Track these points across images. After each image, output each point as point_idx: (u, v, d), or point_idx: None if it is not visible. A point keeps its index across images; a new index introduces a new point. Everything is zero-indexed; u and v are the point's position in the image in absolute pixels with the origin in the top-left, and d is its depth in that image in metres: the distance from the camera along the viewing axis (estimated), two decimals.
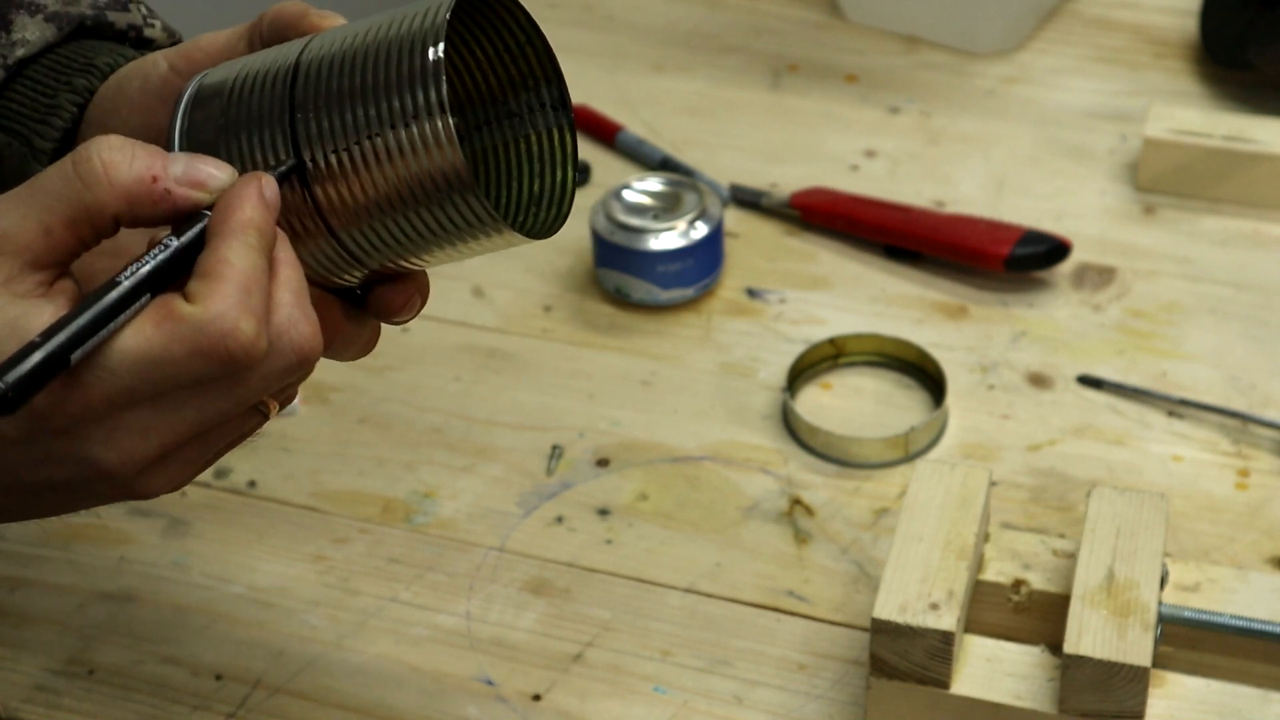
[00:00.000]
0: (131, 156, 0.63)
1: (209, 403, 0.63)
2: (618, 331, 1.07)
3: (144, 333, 0.61)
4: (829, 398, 1.02)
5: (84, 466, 0.63)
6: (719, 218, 1.07)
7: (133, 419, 0.62)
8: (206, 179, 0.64)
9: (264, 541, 0.95)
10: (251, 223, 0.63)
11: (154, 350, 0.61)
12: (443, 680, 0.88)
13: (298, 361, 0.64)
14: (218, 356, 0.61)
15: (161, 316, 0.61)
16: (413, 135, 0.64)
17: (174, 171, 0.64)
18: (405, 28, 0.65)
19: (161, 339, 0.61)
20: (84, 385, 0.61)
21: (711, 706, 0.86)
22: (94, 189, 0.62)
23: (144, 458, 0.63)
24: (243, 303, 0.61)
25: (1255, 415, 0.99)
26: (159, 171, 0.63)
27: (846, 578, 0.92)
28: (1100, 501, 0.84)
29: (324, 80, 0.66)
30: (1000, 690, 0.81)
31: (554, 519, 0.96)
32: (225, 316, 0.61)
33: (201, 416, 0.63)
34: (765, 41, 1.30)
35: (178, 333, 0.61)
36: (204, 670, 0.88)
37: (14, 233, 0.62)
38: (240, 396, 0.63)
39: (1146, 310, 1.07)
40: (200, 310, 0.61)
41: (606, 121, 1.22)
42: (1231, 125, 1.13)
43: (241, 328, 0.61)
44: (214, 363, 0.61)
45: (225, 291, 0.61)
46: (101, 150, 0.63)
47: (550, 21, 1.33)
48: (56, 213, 0.62)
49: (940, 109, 1.23)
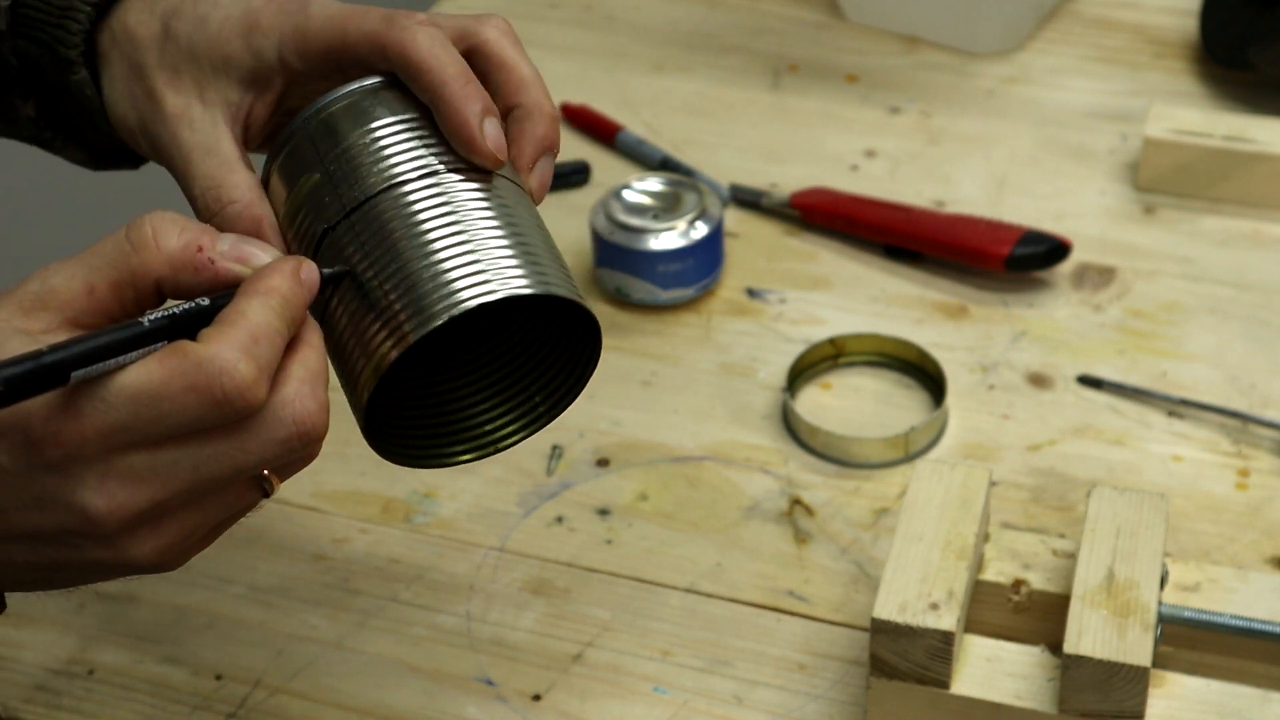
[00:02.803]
0: (181, 228, 0.65)
1: (205, 458, 0.63)
2: (618, 331, 1.07)
3: (147, 368, 0.62)
4: (829, 398, 1.02)
5: (73, 513, 0.63)
6: (719, 218, 1.07)
7: (126, 464, 0.62)
8: (250, 256, 0.67)
9: (264, 541, 0.95)
10: (277, 289, 0.65)
11: (151, 384, 0.62)
12: (443, 680, 0.88)
13: (297, 434, 0.64)
14: (211, 395, 0.62)
15: (165, 355, 0.63)
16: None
17: (220, 247, 0.66)
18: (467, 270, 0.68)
19: (159, 373, 0.62)
20: (80, 415, 0.61)
21: (711, 706, 0.86)
22: (141, 253, 0.65)
23: (134, 509, 0.63)
24: (246, 348, 0.63)
25: (1255, 415, 0.99)
26: (205, 243, 0.66)
27: (846, 578, 0.92)
28: (1100, 501, 0.84)
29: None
30: (1000, 690, 0.81)
31: (554, 519, 0.96)
32: (223, 356, 0.62)
33: (196, 473, 0.63)
34: (765, 41, 1.30)
35: (177, 368, 0.62)
36: (204, 670, 0.88)
37: (59, 289, 0.64)
38: (236, 458, 0.64)
39: (1146, 310, 1.07)
40: (203, 349, 0.62)
41: (606, 121, 1.22)
42: (1231, 125, 1.13)
43: (240, 369, 0.62)
44: (208, 402, 0.62)
45: (231, 335, 0.63)
46: (154, 219, 0.65)
47: (550, 21, 1.33)
48: (103, 274, 0.65)
49: (940, 109, 1.23)
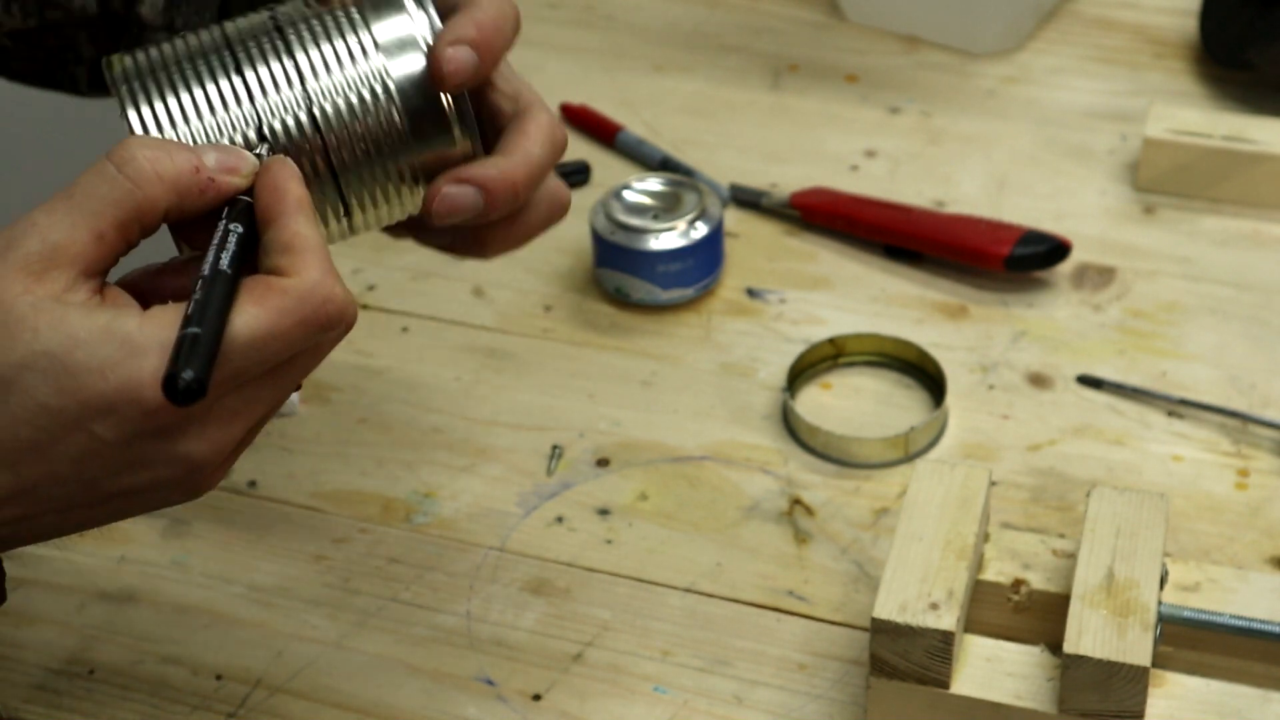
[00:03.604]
0: (168, 152, 0.64)
1: (289, 376, 0.64)
2: (618, 331, 1.07)
3: (249, 313, 0.62)
4: (829, 398, 1.02)
5: (175, 464, 0.63)
6: (719, 218, 1.07)
7: (225, 407, 0.63)
8: (239, 164, 0.66)
9: (264, 541, 0.95)
10: (303, 199, 0.66)
11: (264, 328, 0.62)
12: (443, 680, 0.88)
13: (346, 324, 0.66)
14: (319, 322, 0.63)
15: (261, 294, 0.62)
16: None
17: (208, 160, 0.65)
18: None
19: (269, 316, 0.62)
20: None
21: (711, 706, 0.86)
22: (145, 187, 0.63)
23: (229, 445, 0.64)
24: (331, 269, 0.64)
25: (1255, 415, 0.99)
26: (199, 162, 0.65)
27: (846, 578, 0.92)
28: (1100, 501, 0.84)
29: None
30: (1000, 690, 0.81)
31: (554, 519, 0.96)
32: (323, 283, 0.63)
33: (278, 396, 0.65)
34: (765, 41, 1.30)
35: (283, 306, 0.62)
36: (204, 670, 0.88)
37: (66, 243, 0.62)
38: (310, 366, 0.65)
39: (1146, 310, 1.07)
40: (298, 282, 0.63)
41: (606, 121, 1.22)
42: (1231, 125, 1.13)
43: (337, 291, 0.63)
44: (317, 329, 0.63)
45: (313, 261, 0.63)
46: (142, 148, 0.64)
47: (550, 22, 1.33)
48: (107, 217, 0.63)
49: (940, 109, 1.23)
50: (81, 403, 0.60)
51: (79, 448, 0.61)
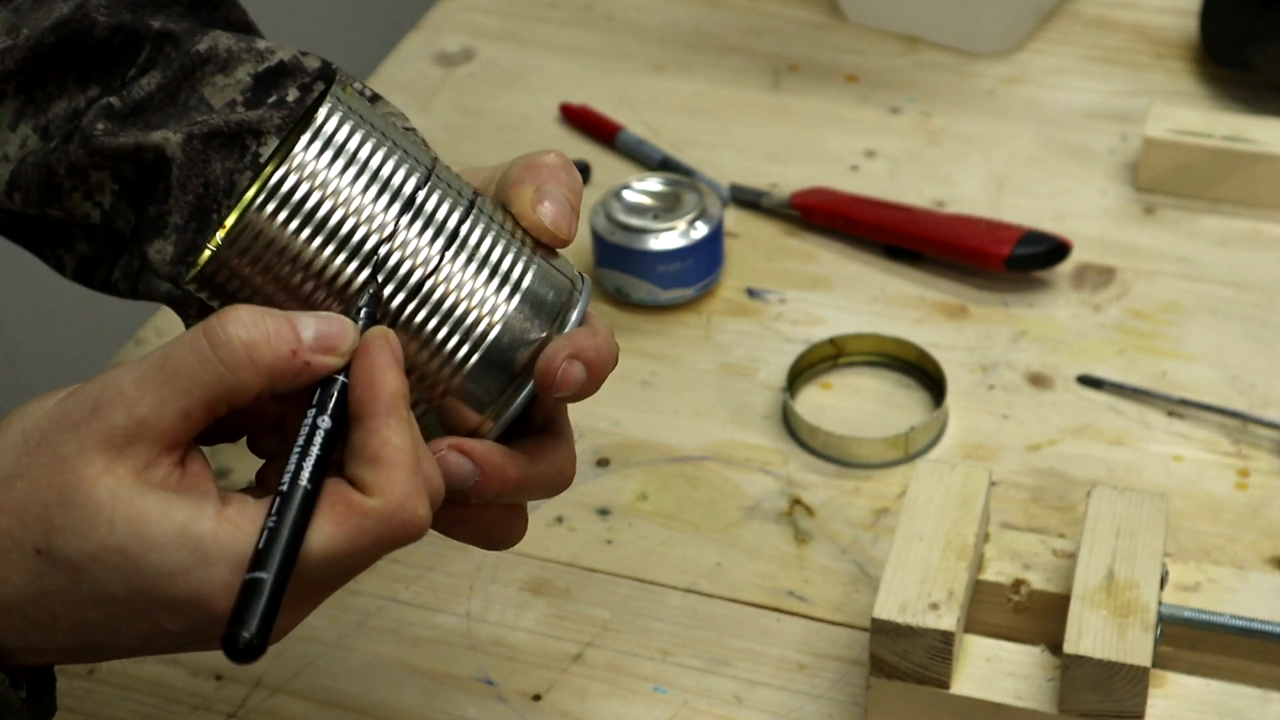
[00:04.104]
0: (268, 333, 0.62)
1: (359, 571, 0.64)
2: (618, 331, 1.07)
3: (326, 532, 0.61)
4: (829, 398, 1.02)
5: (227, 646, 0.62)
6: (719, 218, 1.07)
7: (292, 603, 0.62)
8: (337, 342, 0.64)
9: None
10: (399, 393, 0.63)
11: (340, 550, 0.61)
12: (443, 680, 0.88)
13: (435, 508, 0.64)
14: (396, 542, 0.62)
15: (342, 514, 0.61)
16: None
17: (307, 339, 0.63)
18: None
19: (347, 538, 0.61)
20: None
21: (711, 706, 0.86)
22: (238, 372, 0.61)
23: (289, 629, 0.64)
24: (416, 487, 0.62)
25: (1255, 415, 0.99)
26: (297, 344, 0.62)
27: (846, 578, 0.92)
28: (1100, 501, 0.84)
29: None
30: (1000, 690, 0.81)
31: (554, 519, 0.96)
32: (405, 506, 0.61)
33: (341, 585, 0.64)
34: (765, 41, 1.30)
35: (363, 528, 0.61)
36: (204, 670, 0.88)
37: (153, 420, 0.61)
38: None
39: (1146, 310, 1.07)
40: (380, 504, 0.61)
41: (606, 121, 1.22)
42: (1231, 125, 1.13)
43: (420, 513, 0.62)
44: (392, 547, 0.62)
45: (400, 479, 0.61)
46: (239, 330, 0.61)
47: (550, 22, 1.33)
48: (196, 397, 0.61)
49: (940, 109, 1.23)
50: (150, 600, 0.60)
51: (144, 632, 0.62)
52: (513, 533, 0.73)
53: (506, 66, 1.28)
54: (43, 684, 0.66)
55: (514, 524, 0.73)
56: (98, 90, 0.75)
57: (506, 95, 1.26)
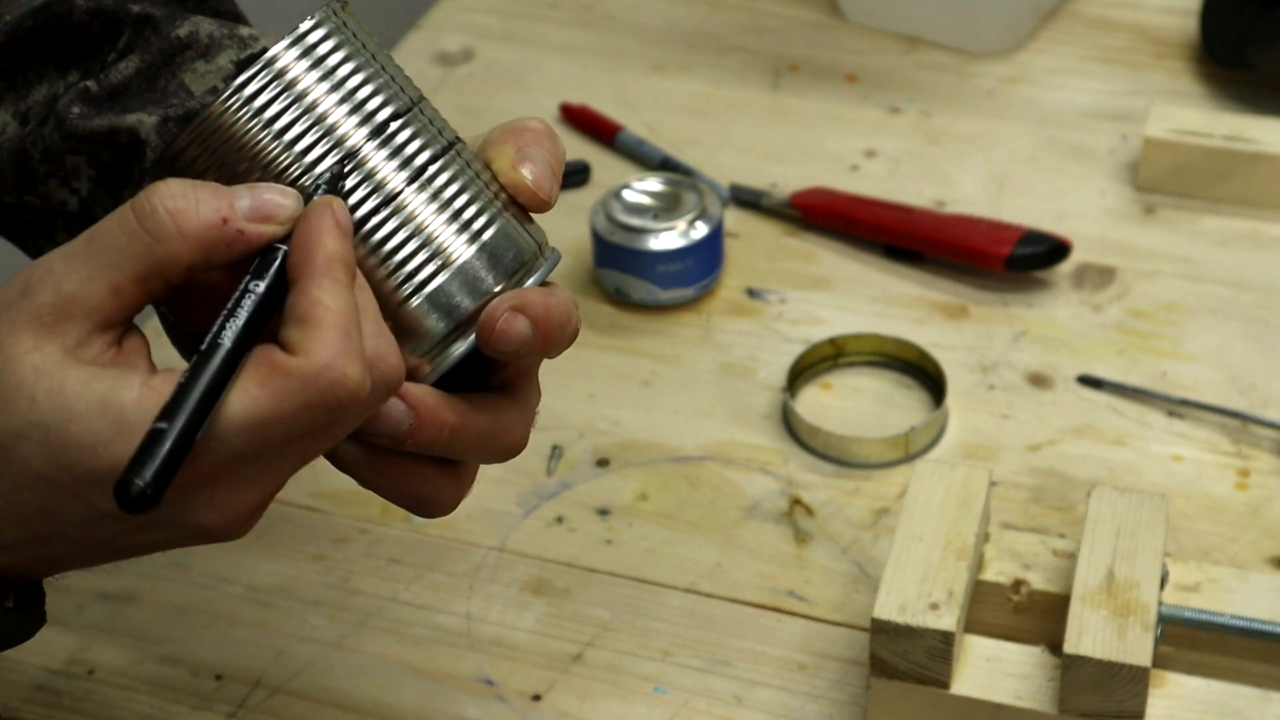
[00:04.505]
0: (197, 202, 0.60)
1: (309, 448, 0.61)
2: (618, 331, 1.07)
3: (250, 393, 0.58)
4: (829, 398, 1.02)
5: (184, 530, 0.61)
6: (719, 218, 1.07)
7: (235, 477, 0.60)
8: (275, 211, 0.61)
9: (264, 541, 0.95)
10: (336, 256, 0.61)
11: (263, 411, 0.58)
12: (443, 680, 0.88)
13: (387, 392, 0.62)
14: (326, 406, 0.59)
15: (265, 374, 0.59)
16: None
17: (241, 208, 0.61)
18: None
19: (270, 398, 0.58)
20: (194, 456, 0.58)
21: (711, 706, 0.86)
22: (165, 242, 0.59)
23: (245, 513, 0.61)
24: (346, 348, 0.59)
25: (1255, 415, 0.99)
26: (228, 212, 0.60)
27: (846, 578, 0.92)
28: (1100, 501, 0.84)
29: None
30: (1000, 690, 0.81)
31: (554, 519, 0.96)
32: (333, 366, 0.59)
33: (301, 462, 0.62)
34: (765, 41, 1.30)
35: (286, 388, 0.58)
36: (204, 670, 0.88)
37: (81, 295, 0.59)
38: (336, 436, 0.62)
39: (1146, 310, 1.07)
40: (305, 362, 0.59)
41: (606, 121, 1.22)
42: (1231, 125, 1.13)
43: (349, 374, 0.59)
44: (323, 412, 0.59)
45: (328, 338, 0.59)
46: (165, 200, 0.59)
47: (550, 21, 1.33)
48: (125, 270, 0.59)
49: (940, 109, 1.23)
50: (77, 477, 0.59)
51: (81, 514, 0.60)
52: (443, 495, 0.69)
53: (506, 66, 1.28)
54: (30, 597, 0.65)
55: (445, 486, 0.69)
56: (77, 75, 0.74)
57: (506, 95, 1.26)
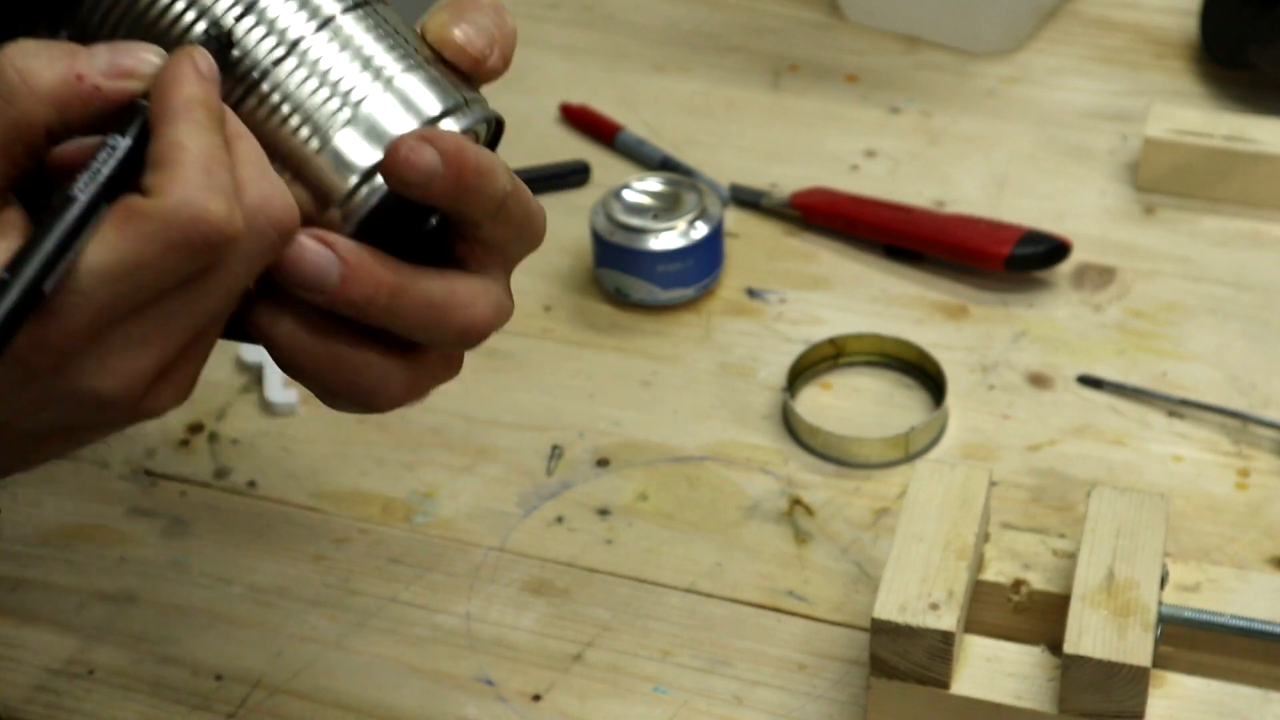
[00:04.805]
0: (48, 59, 0.57)
1: (197, 301, 0.59)
2: (618, 331, 1.07)
3: (109, 242, 0.56)
4: (829, 398, 1.02)
5: (85, 402, 0.59)
6: (719, 218, 1.07)
7: (122, 338, 0.58)
8: (136, 65, 0.59)
9: (264, 541, 0.95)
10: (194, 99, 0.58)
11: (124, 257, 0.56)
12: (442, 680, 0.88)
13: (278, 234, 0.60)
14: (192, 245, 0.57)
15: (122, 219, 0.56)
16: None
17: (98, 65, 0.58)
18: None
19: (129, 243, 0.56)
20: (60, 315, 0.56)
21: (711, 706, 0.86)
22: (17, 103, 0.57)
23: (145, 376, 0.59)
24: (206, 183, 0.57)
25: (1255, 415, 0.99)
26: (82, 68, 0.58)
27: (846, 578, 0.92)
28: (1100, 501, 0.84)
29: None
30: (1000, 690, 0.81)
31: (554, 519, 0.96)
32: (191, 201, 0.56)
33: (194, 319, 0.59)
34: (765, 41, 1.30)
35: (145, 231, 0.56)
36: (204, 670, 0.88)
37: None
38: (228, 285, 0.59)
39: (1146, 310, 1.07)
40: (161, 202, 0.56)
41: (606, 121, 1.22)
42: (1231, 125, 1.13)
43: (211, 209, 0.57)
44: (190, 253, 0.57)
45: (184, 175, 0.57)
46: (15, 60, 0.57)
47: (550, 22, 1.33)
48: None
49: (940, 109, 1.23)
50: None
51: None
52: (389, 384, 0.66)
53: None
54: None
55: (392, 374, 0.66)
56: None
57: (506, 95, 1.25)
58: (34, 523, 0.96)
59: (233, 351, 1.04)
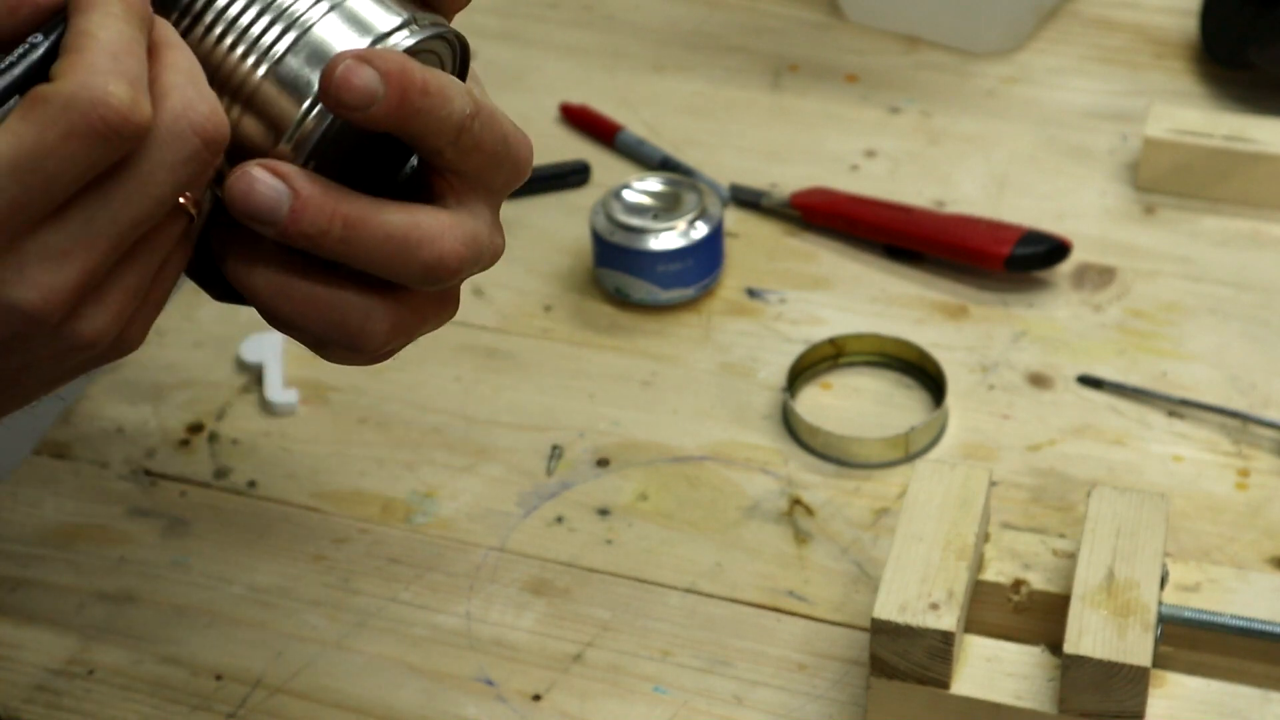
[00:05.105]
0: None
1: (117, 205, 0.57)
2: (618, 331, 1.07)
3: (11, 129, 0.55)
4: (829, 398, 1.02)
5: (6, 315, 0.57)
6: (719, 218, 1.07)
7: (39, 244, 0.56)
8: None
9: (264, 541, 0.95)
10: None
11: (25, 145, 0.55)
12: (442, 680, 0.88)
13: (203, 142, 0.57)
14: (95, 130, 0.55)
15: (25, 107, 0.55)
16: None
17: None
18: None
19: (30, 130, 0.55)
20: None
21: (711, 706, 0.86)
22: None
23: (68, 286, 0.57)
24: (109, 68, 0.55)
25: (1255, 415, 0.99)
26: None
27: (846, 578, 0.92)
28: (1100, 501, 0.84)
29: None
30: (1000, 690, 0.81)
31: (554, 519, 0.96)
32: (90, 84, 0.55)
33: (115, 224, 0.57)
34: (765, 41, 1.30)
35: (44, 117, 0.55)
36: (204, 670, 0.88)
37: None
38: (147, 190, 0.57)
39: (1146, 310, 1.07)
40: (61, 85, 0.55)
41: (606, 121, 1.22)
42: (1231, 125, 1.13)
43: (113, 92, 0.55)
44: (93, 139, 0.55)
45: (88, 60, 0.55)
46: None
47: (550, 21, 1.33)
48: None
49: (940, 109, 1.23)
50: None
51: None
52: (371, 323, 0.64)
53: (506, 66, 1.28)
54: None
55: (374, 311, 0.64)
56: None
57: (506, 95, 1.26)
58: (34, 523, 0.96)
59: (233, 351, 1.04)
